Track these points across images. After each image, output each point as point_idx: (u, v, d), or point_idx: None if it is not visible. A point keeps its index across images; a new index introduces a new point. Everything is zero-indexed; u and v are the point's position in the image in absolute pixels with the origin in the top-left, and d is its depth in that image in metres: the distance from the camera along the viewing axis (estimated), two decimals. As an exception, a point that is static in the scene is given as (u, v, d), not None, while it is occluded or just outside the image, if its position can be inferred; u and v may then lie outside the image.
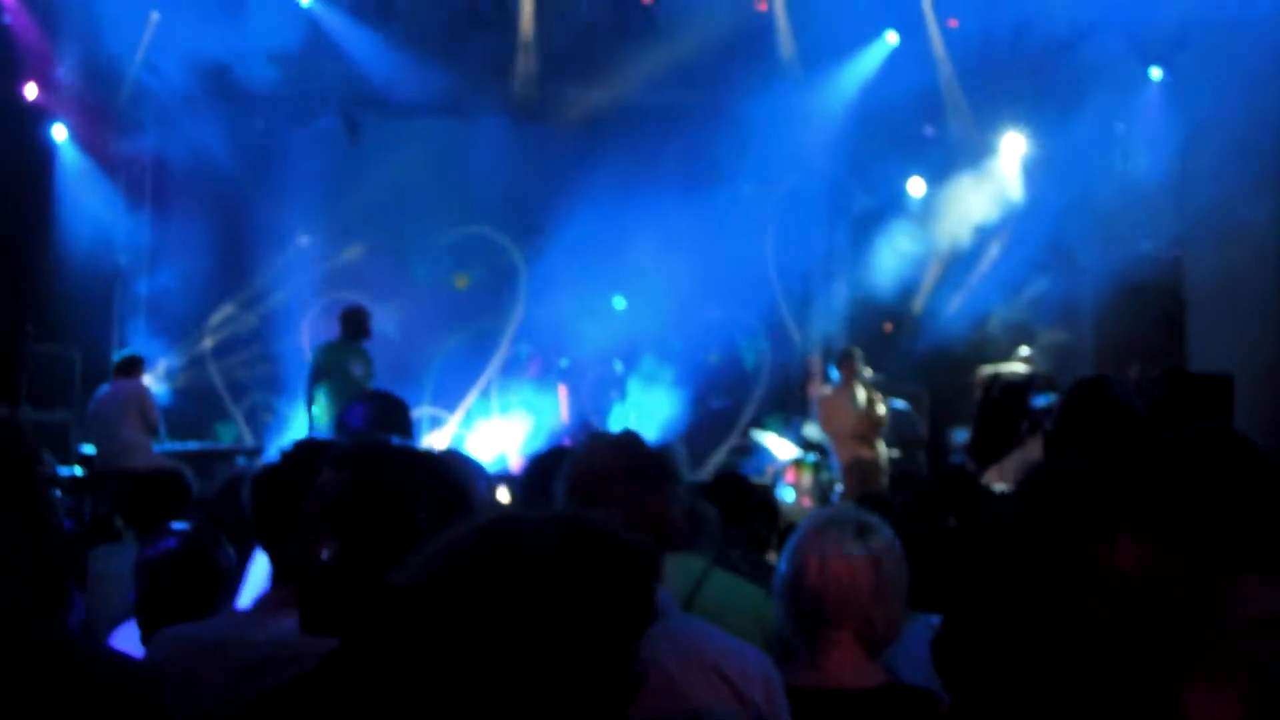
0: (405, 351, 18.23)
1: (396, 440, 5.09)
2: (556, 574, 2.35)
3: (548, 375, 18.75)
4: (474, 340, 19.66)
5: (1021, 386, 9.23)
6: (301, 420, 16.70)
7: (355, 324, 16.73)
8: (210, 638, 3.96)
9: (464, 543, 2.40)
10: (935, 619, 4.46)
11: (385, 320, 18.35)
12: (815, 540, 4.44)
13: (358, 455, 3.72)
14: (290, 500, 3.85)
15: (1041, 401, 5.53)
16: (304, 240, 19.50)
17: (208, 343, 19.22)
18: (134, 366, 15.73)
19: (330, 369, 16.45)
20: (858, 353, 16.45)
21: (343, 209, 18.92)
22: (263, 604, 4.07)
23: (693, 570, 5.44)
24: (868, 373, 16.04)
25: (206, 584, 5.48)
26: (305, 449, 4.32)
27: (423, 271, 19.29)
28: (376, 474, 3.50)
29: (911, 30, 18.56)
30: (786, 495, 14.54)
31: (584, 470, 4.27)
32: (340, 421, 5.44)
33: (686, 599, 5.25)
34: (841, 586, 4.39)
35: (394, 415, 5.60)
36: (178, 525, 6.69)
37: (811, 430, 16.24)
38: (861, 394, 15.83)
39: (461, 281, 19.55)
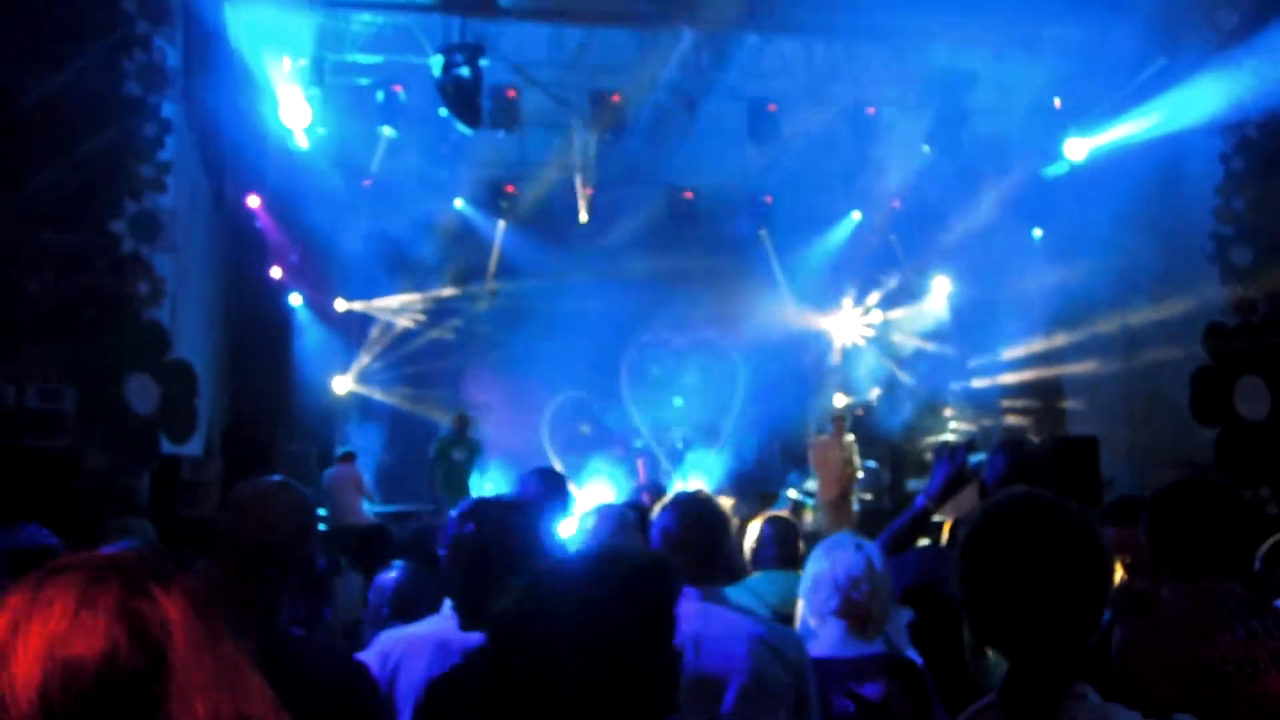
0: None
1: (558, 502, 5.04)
2: (601, 590, 2.23)
3: (629, 453, 18.49)
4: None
5: (964, 448, 9.25)
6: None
7: (461, 421, 16.69)
8: (416, 635, 3.73)
9: (559, 569, 2.37)
10: (908, 613, 4.52)
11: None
12: (827, 554, 4.33)
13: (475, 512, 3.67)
14: None
15: (975, 458, 5.52)
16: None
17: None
18: (350, 457, 15.82)
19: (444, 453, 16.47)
20: (846, 415, 16.35)
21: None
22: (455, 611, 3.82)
23: (785, 581, 5.14)
24: (849, 437, 15.81)
25: (413, 604, 5.34)
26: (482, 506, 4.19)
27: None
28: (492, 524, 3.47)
29: (867, 209, 18.35)
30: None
31: (676, 515, 4.11)
32: (523, 485, 5.40)
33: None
34: (848, 581, 4.21)
35: (560, 482, 5.57)
36: (395, 562, 6.62)
37: (810, 484, 16.04)
38: (848, 441, 15.64)
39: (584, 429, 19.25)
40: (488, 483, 16.24)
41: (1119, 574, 4.23)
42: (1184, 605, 3.12)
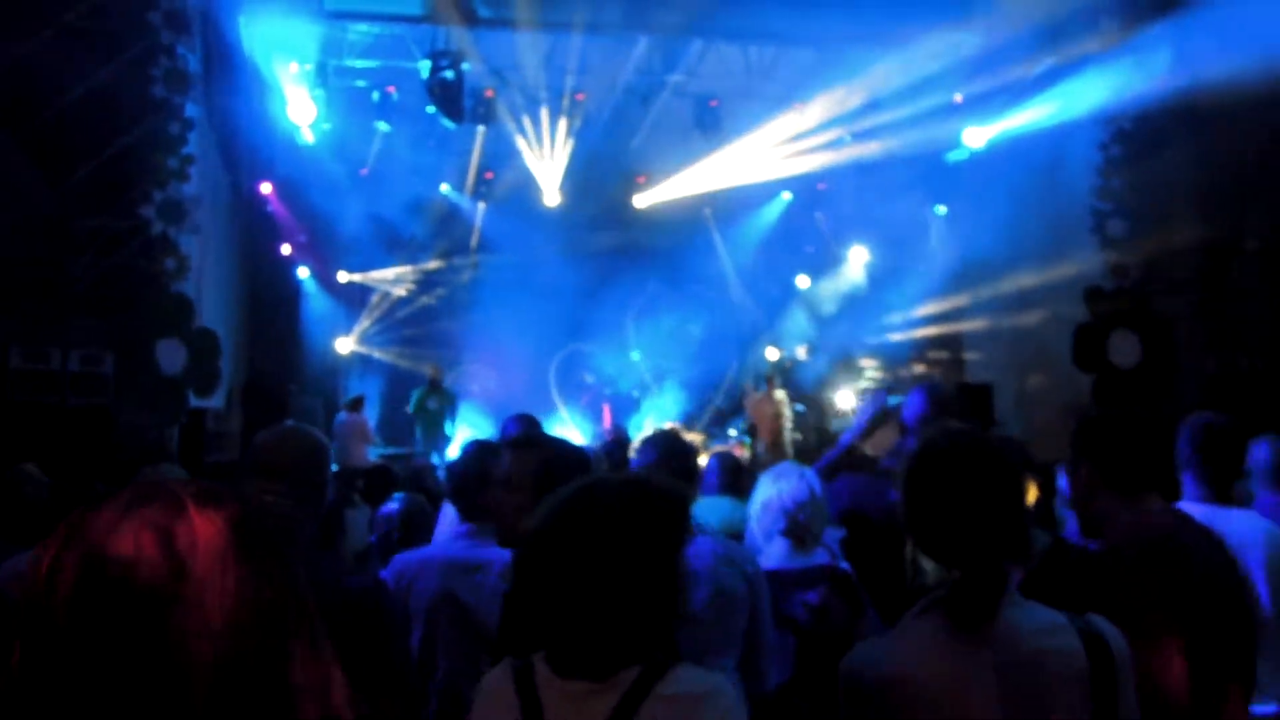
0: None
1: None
2: (631, 510, 2.23)
3: (596, 401, 18.54)
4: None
5: (884, 391, 9.26)
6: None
7: (435, 378, 16.89)
8: (427, 555, 3.81)
9: (579, 493, 2.30)
10: (840, 530, 4.55)
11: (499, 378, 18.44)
12: (774, 482, 4.33)
13: (532, 442, 3.55)
14: (476, 472, 3.80)
15: (893, 400, 5.52)
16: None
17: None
18: (358, 404, 15.80)
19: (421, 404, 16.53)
20: (776, 372, 16.37)
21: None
22: (458, 534, 3.92)
23: (728, 506, 5.20)
24: (780, 393, 15.86)
25: (417, 528, 5.36)
26: (478, 445, 4.20)
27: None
28: (550, 452, 3.35)
29: (797, 190, 18.37)
30: None
31: (662, 450, 4.20)
32: (503, 431, 5.39)
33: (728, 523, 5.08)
34: (793, 505, 4.22)
35: (538, 425, 5.57)
36: (396, 495, 6.61)
37: (746, 425, 16.12)
38: (778, 396, 15.70)
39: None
40: (461, 427, 16.31)
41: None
42: (1159, 521, 3.09)
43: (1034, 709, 2.19)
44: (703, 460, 5.84)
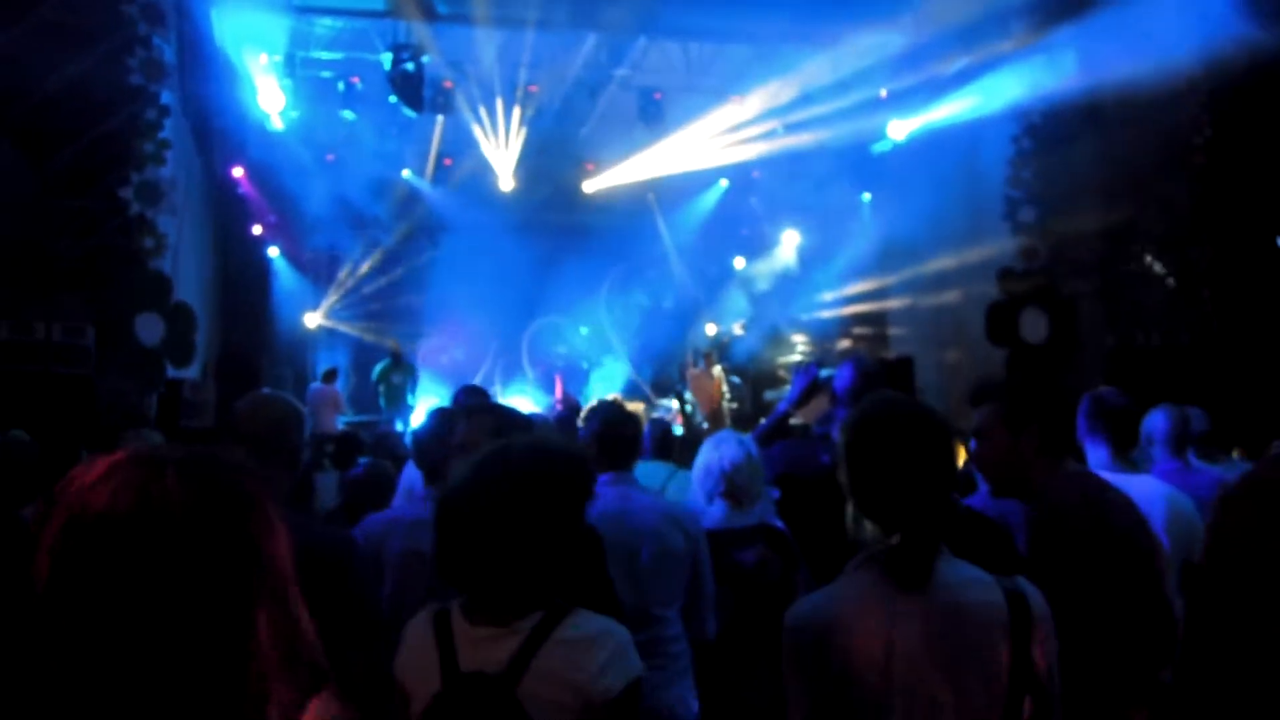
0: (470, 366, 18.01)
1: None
2: (533, 472, 2.32)
3: (548, 372, 18.53)
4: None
5: (815, 364, 9.28)
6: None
7: (396, 353, 16.93)
8: (395, 515, 3.80)
9: (489, 455, 2.37)
10: (775, 491, 4.59)
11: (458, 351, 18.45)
12: (715, 449, 4.40)
13: (486, 409, 3.65)
14: (438, 438, 3.77)
15: (824, 373, 5.53)
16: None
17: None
18: (331, 375, 15.80)
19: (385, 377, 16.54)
20: (715, 351, 16.39)
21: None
22: (425, 496, 3.89)
23: (665, 470, 5.41)
24: (717, 368, 15.93)
25: (380, 490, 5.36)
26: (440, 412, 4.17)
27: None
28: (501, 418, 3.38)
29: (733, 177, 18.41)
30: (676, 430, 14.37)
31: (605, 419, 4.19)
32: (455, 399, 5.38)
33: (668, 481, 5.19)
34: (731, 469, 4.29)
35: (486, 396, 5.53)
36: (362, 460, 6.59)
37: (689, 395, 16.17)
38: (716, 372, 15.77)
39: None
40: (423, 397, 16.29)
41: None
42: (1094, 481, 3.13)
43: (957, 654, 2.20)
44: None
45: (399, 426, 14.56)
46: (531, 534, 2.27)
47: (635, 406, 15.67)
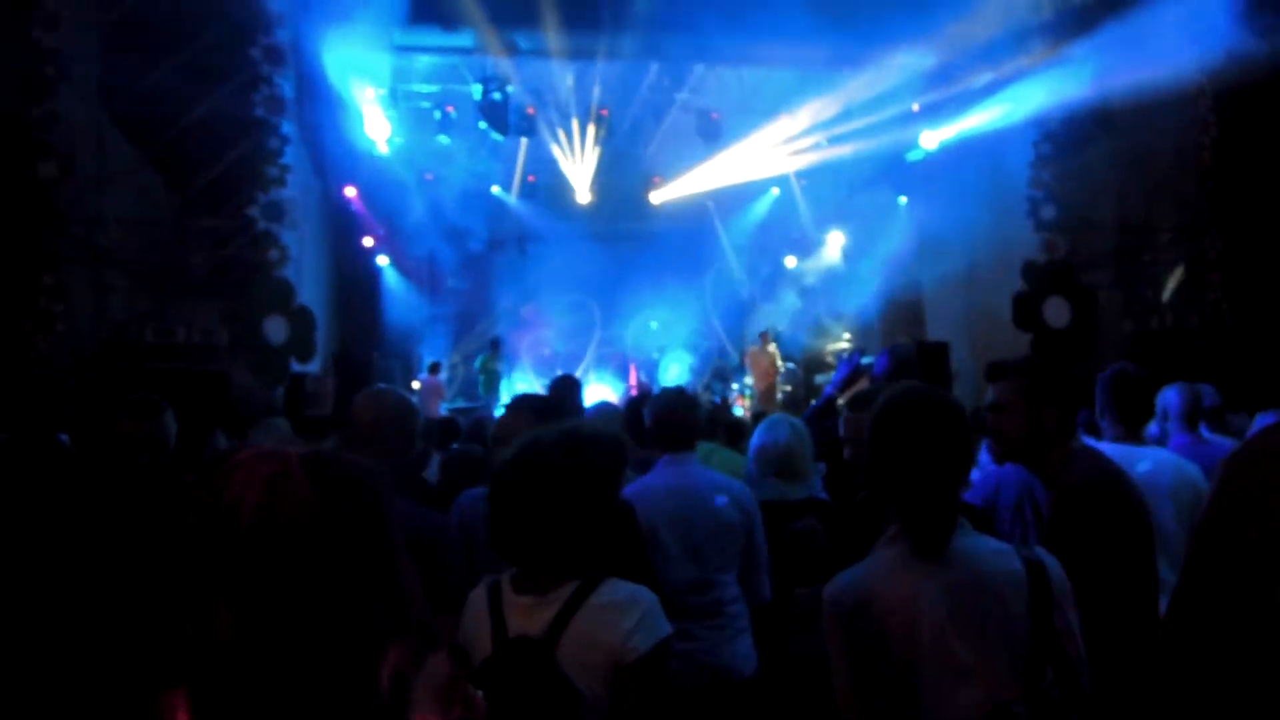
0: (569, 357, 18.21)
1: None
2: (567, 456, 2.30)
3: (624, 362, 18.57)
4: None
5: (857, 352, 9.17)
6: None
7: (495, 344, 16.99)
8: (484, 492, 3.77)
9: (528, 442, 2.35)
10: (823, 465, 4.52)
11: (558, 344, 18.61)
12: (770, 431, 4.35)
13: (523, 403, 3.73)
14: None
15: (865, 360, 5.41)
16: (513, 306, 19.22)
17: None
18: (436, 367, 15.98)
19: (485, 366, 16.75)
20: (771, 330, 16.34)
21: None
22: None
23: (707, 448, 5.09)
24: (772, 346, 15.85)
25: (475, 470, 5.33)
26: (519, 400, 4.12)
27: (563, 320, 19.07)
28: (536, 409, 3.46)
29: (783, 186, 18.25)
30: (738, 411, 14.35)
31: (662, 405, 4.09)
32: (551, 387, 5.33)
33: (706, 459, 5.03)
34: (783, 448, 4.25)
35: (578, 385, 5.46)
36: (454, 445, 6.54)
37: (747, 379, 16.09)
38: (771, 349, 15.70)
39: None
40: (518, 383, 16.41)
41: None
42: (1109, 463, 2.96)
43: (979, 621, 2.14)
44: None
45: (496, 413, 14.66)
46: (566, 511, 2.26)
47: (701, 394, 15.65)
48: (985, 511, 3.41)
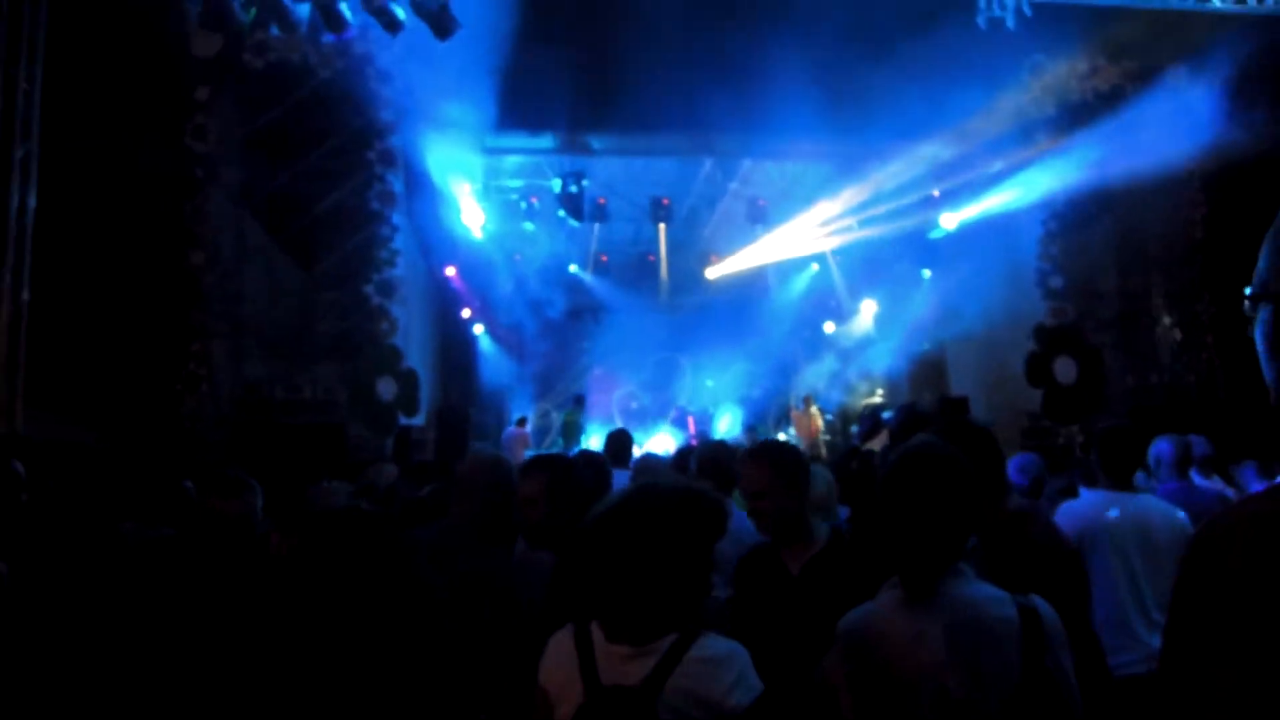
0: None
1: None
2: (675, 511, 2.07)
3: (683, 415, 18.46)
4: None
5: (879, 409, 9.04)
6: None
7: (579, 400, 16.87)
8: None
9: (636, 493, 2.14)
10: (845, 510, 4.42)
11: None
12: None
13: (539, 466, 3.29)
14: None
15: (888, 414, 5.26)
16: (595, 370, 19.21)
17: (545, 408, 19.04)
18: (522, 421, 15.92)
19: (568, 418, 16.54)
20: (812, 395, 16.12)
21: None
22: None
23: None
24: (814, 408, 15.64)
25: None
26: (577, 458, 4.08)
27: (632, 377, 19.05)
28: (555, 474, 3.19)
29: (822, 261, 18.14)
30: None
31: (704, 454, 4.03)
32: (608, 443, 5.17)
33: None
34: (815, 496, 4.09)
35: (629, 438, 5.37)
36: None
37: (791, 431, 15.89)
38: (814, 410, 15.49)
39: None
40: (593, 436, 16.37)
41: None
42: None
43: (974, 660, 2.06)
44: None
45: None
46: (672, 566, 2.05)
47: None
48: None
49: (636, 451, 5.81)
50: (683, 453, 5.29)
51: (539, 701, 2.15)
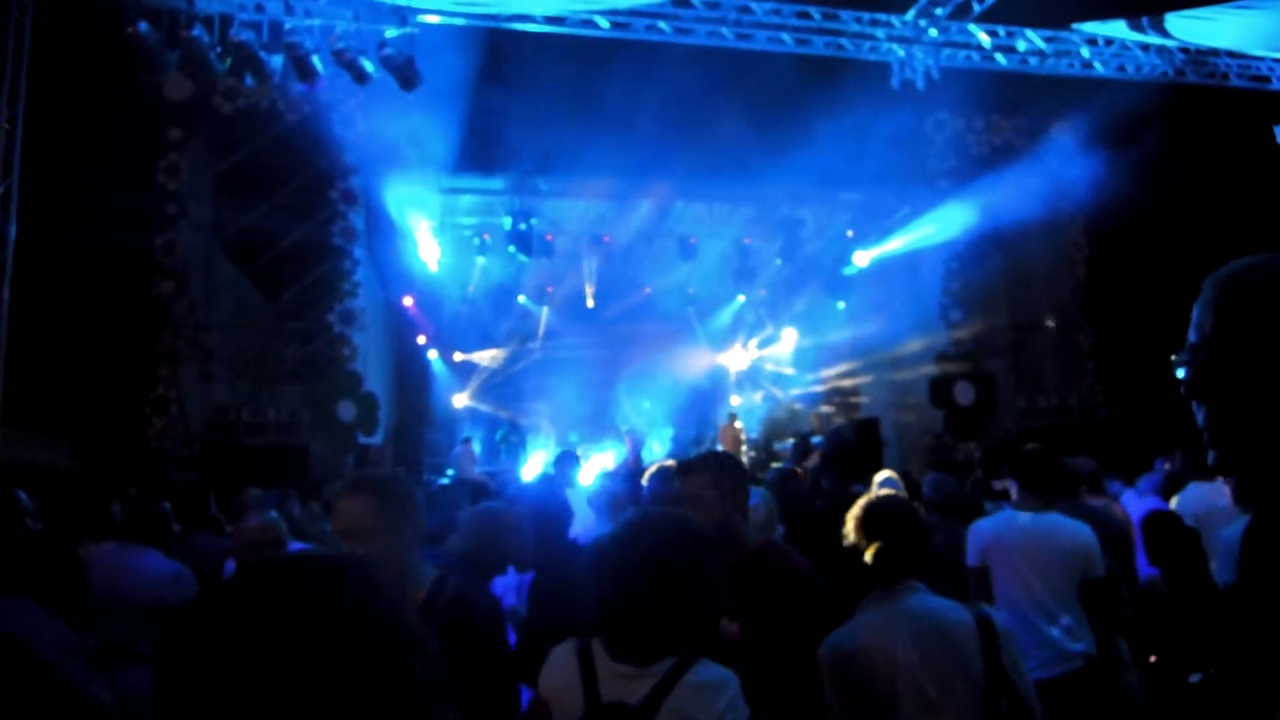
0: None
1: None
2: (675, 538, 2.00)
3: (621, 435, 18.34)
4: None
5: (809, 435, 9.10)
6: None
7: (513, 423, 16.95)
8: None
9: (635, 521, 2.07)
10: (782, 528, 4.41)
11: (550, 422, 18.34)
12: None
13: (455, 486, 3.37)
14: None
15: (817, 440, 5.36)
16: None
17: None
18: (469, 440, 15.67)
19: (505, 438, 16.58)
20: (735, 411, 16.23)
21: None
22: None
23: None
24: (739, 423, 15.76)
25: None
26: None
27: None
28: (473, 491, 3.20)
29: (749, 293, 18.36)
30: None
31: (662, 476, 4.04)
32: (557, 461, 5.14)
33: None
34: (751, 513, 4.18)
35: (576, 458, 5.38)
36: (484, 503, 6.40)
37: (719, 447, 15.94)
38: (738, 425, 15.59)
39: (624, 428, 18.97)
40: (533, 453, 16.28)
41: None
42: None
43: (944, 664, 2.18)
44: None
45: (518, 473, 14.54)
46: (677, 592, 1.96)
47: (671, 463, 15.41)
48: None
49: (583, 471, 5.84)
50: (634, 474, 5.32)
51: (539, 707, 2.09)
